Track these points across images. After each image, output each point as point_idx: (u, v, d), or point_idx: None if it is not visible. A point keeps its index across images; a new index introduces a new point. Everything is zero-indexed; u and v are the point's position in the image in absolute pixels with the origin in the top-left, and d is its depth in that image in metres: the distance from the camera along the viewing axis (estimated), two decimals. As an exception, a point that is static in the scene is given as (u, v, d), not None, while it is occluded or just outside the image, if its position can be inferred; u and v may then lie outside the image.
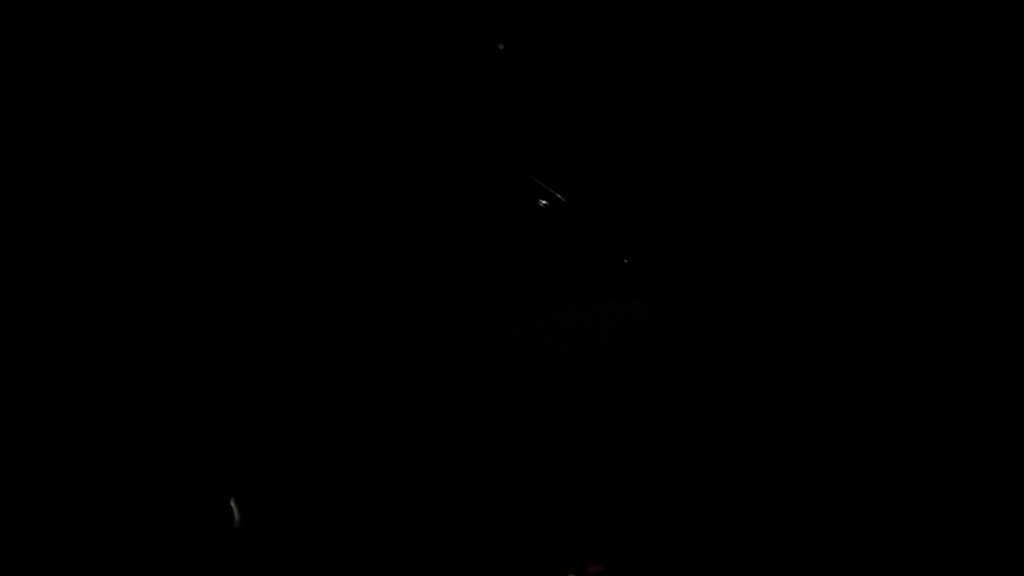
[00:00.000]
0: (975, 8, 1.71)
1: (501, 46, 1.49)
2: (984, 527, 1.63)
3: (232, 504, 1.62)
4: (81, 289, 1.61)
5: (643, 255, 1.73)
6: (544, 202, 1.65)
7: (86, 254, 1.62)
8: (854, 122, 1.71)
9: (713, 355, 1.74)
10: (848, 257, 1.72)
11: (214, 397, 1.67)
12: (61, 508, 1.55)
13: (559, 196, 1.67)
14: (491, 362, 1.74)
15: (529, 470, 1.70)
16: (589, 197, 1.71)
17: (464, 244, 1.74)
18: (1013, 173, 1.72)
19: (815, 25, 1.68)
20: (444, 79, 1.69)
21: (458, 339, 1.74)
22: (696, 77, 1.71)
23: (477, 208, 1.73)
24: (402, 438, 1.71)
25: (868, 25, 1.68)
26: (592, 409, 1.73)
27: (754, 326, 1.74)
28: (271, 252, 1.71)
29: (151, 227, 1.65)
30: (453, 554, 1.64)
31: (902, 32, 1.70)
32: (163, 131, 1.65)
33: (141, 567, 1.55)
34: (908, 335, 1.70)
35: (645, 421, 1.72)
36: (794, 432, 1.70)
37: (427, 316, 1.74)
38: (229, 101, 1.67)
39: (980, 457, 1.66)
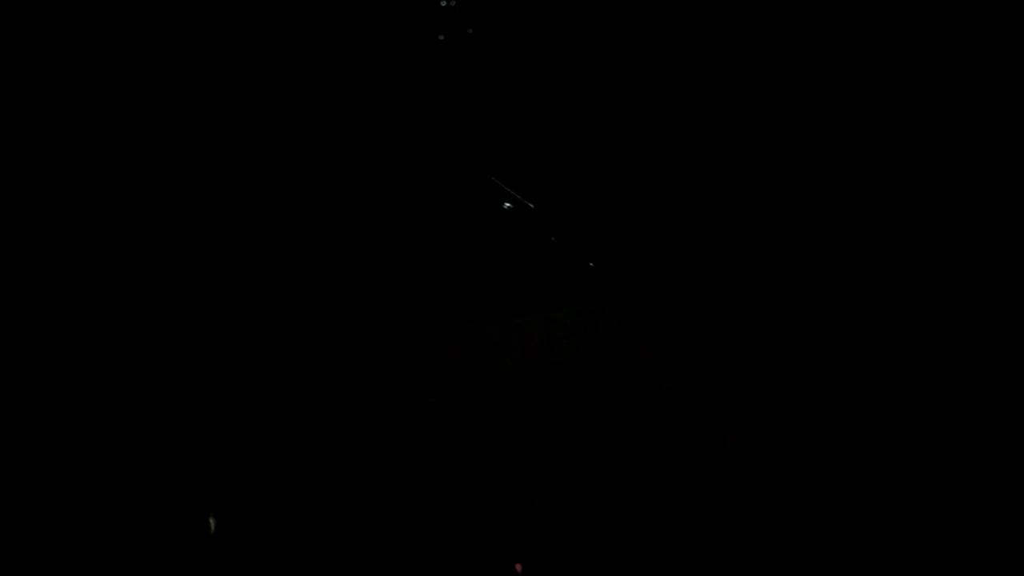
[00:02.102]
0: (975, 8, 1.70)
1: (439, 36, 1.50)
2: (984, 527, 1.61)
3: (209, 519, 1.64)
4: (46, 292, 1.66)
5: (610, 259, 1.74)
6: (508, 205, 1.67)
7: (71, 254, 1.67)
8: (829, 122, 1.71)
9: (681, 358, 1.74)
10: (822, 258, 1.72)
11: (186, 399, 1.69)
12: (39, 508, 1.58)
13: (524, 200, 1.69)
14: (458, 366, 1.75)
15: (493, 472, 1.71)
16: (555, 201, 1.73)
17: (430, 250, 1.76)
18: (1013, 173, 1.70)
19: (779, 25, 1.68)
20: (409, 83, 1.72)
21: (425, 343, 1.76)
22: (663, 82, 1.72)
23: (443, 213, 1.75)
24: (368, 440, 1.73)
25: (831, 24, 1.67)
26: (559, 413, 1.74)
27: (725, 328, 1.74)
28: (237, 255, 1.73)
29: (123, 226, 1.69)
30: (416, 554, 1.65)
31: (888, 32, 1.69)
32: (145, 131, 1.69)
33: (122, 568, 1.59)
34: (899, 336, 1.69)
35: (612, 424, 1.73)
36: (768, 431, 1.70)
37: (395, 320, 1.76)
38: (190, 111, 1.70)
39: (970, 457, 1.65)
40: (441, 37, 1.70)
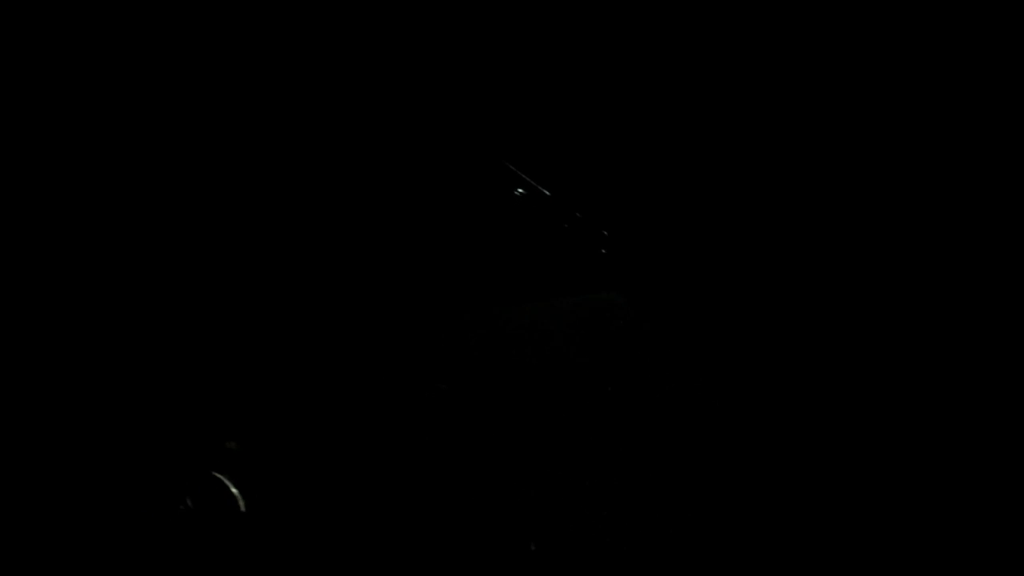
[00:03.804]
0: (975, 8, 1.71)
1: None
2: (984, 527, 1.62)
3: (236, 492, 1.64)
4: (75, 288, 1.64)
5: (622, 247, 1.74)
6: (521, 191, 1.67)
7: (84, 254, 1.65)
8: (835, 117, 1.72)
9: (694, 347, 1.74)
10: (832, 249, 1.73)
11: (198, 391, 1.69)
12: (60, 502, 1.58)
13: (538, 187, 1.69)
14: (468, 352, 1.75)
15: (503, 460, 1.71)
16: (568, 188, 1.73)
17: (442, 236, 1.76)
18: (1013, 173, 1.71)
19: (793, 23, 1.69)
20: (420, 70, 1.71)
21: (436, 329, 1.76)
22: (676, 70, 1.72)
23: (455, 199, 1.75)
24: (379, 426, 1.72)
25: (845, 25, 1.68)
26: (570, 400, 1.74)
27: (736, 318, 1.75)
28: (245, 246, 1.72)
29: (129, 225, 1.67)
30: (426, 547, 1.64)
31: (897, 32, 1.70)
32: (151, 131, 1.68)
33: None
34: (897, 331, 1.70)
35: (623, 413, 1.73)
36: (780, 423, 1.70)
37: (405, 306, 1.76)
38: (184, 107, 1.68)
39: (977, 458, 1.65)
40: (454, 24, 1.69)
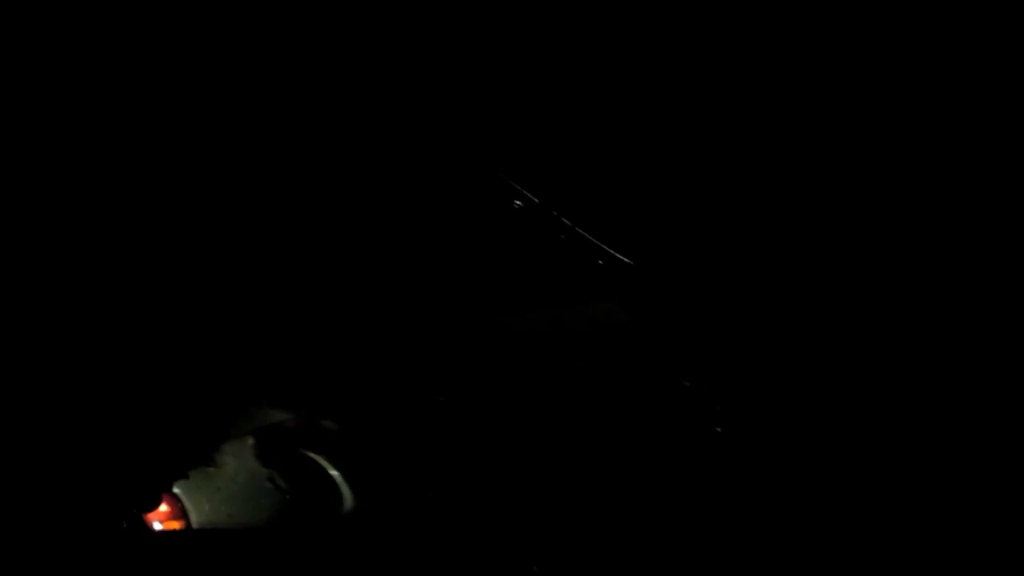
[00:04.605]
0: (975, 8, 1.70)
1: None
2: (984, 527, 1.62)
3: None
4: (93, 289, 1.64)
5: (620, 257, 1.74)
6: (518, 203, 1.67)
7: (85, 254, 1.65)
8: (829, 122, 1.72)
9: (690, 358, 1.75)
10: (829, 257, 1.73)
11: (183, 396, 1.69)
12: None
13: (532, 197, 1.69)
14: (464, 362, 1.75)
15: (501, 470, 1.71)
16: (564, 199, 1.73)
17: (439, 246, 1.76)
18: (1013, 173, 1.70)
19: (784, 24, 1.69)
20: (416, 78, 1.71)
21: (435, 339, 1.76)
22: (671, 79, 1.72)
23: (451, 210, 1.75)
24: (378, 435, 1.73)
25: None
26: (567, 410, 1.74)
27: (733, 327, 1.75)
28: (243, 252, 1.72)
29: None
30: (424, 553, 1.65)
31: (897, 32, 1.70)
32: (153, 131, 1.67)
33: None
34: (901, 337, 1.70)
35: (620, 423, 1.74)
36: (778, 431, 1.71)
37: (404, 317, 1.76)
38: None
39: (978, 459, 1.65)
40: (447, 33, 1.69)
